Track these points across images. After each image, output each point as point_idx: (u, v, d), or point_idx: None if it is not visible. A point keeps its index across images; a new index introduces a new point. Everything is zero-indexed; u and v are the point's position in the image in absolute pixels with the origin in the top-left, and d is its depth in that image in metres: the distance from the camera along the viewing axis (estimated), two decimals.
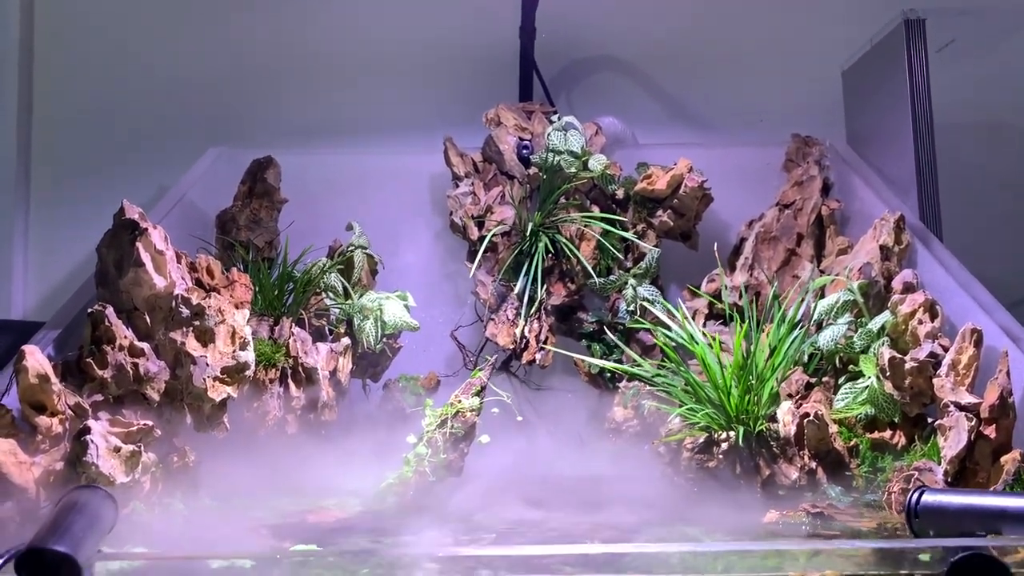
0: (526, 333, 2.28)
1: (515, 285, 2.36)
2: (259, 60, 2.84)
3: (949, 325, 1.87)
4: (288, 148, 2.61)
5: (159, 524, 1.57)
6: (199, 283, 1.96)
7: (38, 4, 2.80)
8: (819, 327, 1.99)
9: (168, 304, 1.79)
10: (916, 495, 1.21)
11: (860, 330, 1.92)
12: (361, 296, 2.28)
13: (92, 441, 1.45)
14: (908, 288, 1.91)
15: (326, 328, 2.24)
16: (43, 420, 1.49)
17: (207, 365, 1.76)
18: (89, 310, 1.69)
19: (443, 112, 2.77)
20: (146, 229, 1.74)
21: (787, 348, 1.88)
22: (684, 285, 2.45)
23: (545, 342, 2.30)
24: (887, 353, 1.76)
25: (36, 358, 1.48)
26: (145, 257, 1.74)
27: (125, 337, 1.69)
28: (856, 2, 2.73)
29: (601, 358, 2.30)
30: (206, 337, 1.80)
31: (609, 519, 1.61)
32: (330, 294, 2.23)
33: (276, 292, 2.20)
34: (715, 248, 2.17)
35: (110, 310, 1.68)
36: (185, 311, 1.78)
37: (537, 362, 2.29)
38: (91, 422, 1.48)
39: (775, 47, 2.77)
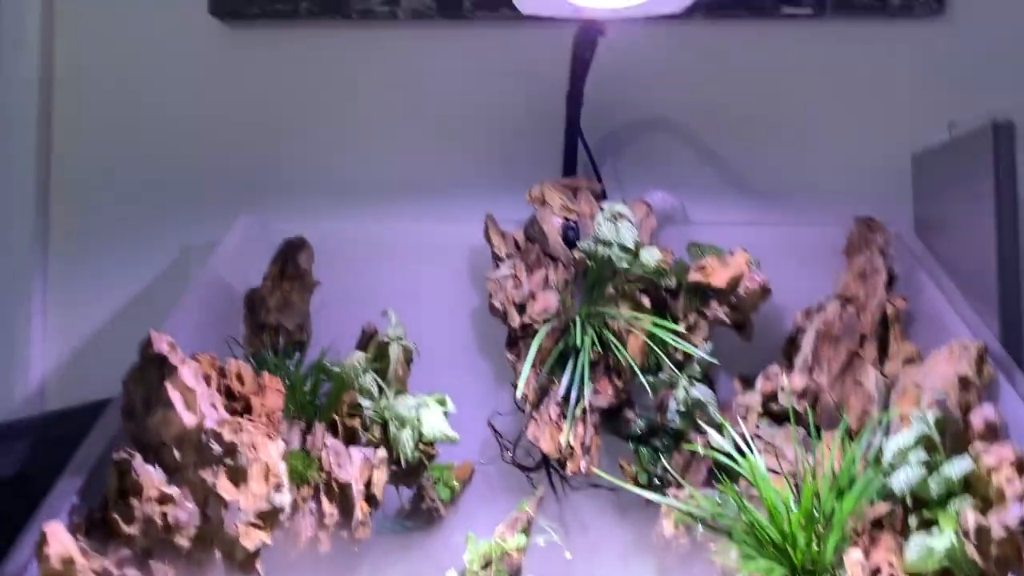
0: (571, 440, 2.16)
1: (557, 379, 2.24)
2: (290, 117, 2.70)
3: None
4: (321, 214, 2.50)
5: None
6: (229, 391, 1.85)
7: (58, 57, 2.66)
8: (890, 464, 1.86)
9: (198, 437, 1.68)
10: None
11: (934, 473, 1.79)
12: (396, 394, 2.17)
13: None
14: (991, 429, 1.77)
15: (359, 429, 2.13)
16: None
17: (239, 509, 1.66)
18: (115, 457, 1.58)
19: (482, 178, 2.63)
20: (176, 368, 1.62)
21: (857, 492, 1.76)
22: (735, 372, 2.33)
23: (591, 448, 2.18)
24: (972, 519, 1.63)
25: (59, 540, 1.37)
26: (174, 397, 1.62)
27: (153, 487, 1.58)
28: (931, 85, 2.56)
29: (648, 463, 2.18)
30: (238, 476, 1.69)
31: None
32: (365, 396, 2.12)
33: (309, 391, 2.09)
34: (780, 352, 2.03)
35: (137, 460, 1.57)
36: (216, 448, 1.67)
37: (582, 471, 2.17)
38: None
39: (840, 121, 2.60)
